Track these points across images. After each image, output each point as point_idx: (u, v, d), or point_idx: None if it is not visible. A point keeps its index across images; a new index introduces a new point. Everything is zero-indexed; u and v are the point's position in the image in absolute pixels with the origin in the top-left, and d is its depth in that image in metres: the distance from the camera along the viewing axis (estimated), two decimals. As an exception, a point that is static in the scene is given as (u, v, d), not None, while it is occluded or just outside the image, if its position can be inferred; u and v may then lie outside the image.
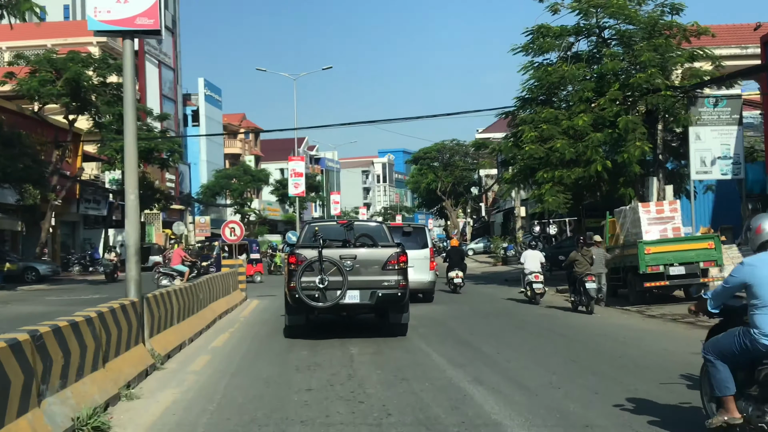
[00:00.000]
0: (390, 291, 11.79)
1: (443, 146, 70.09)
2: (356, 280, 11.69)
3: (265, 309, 18.30)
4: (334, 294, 11.63)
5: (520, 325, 14.68)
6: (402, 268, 11.94)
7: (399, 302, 12.01)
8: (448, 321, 15.31)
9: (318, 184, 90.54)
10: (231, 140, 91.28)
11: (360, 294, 11.77)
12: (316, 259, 11.63)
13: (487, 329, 13.91)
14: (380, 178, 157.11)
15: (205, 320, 13.72)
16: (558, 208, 23.49)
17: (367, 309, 12.65)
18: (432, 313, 16.66)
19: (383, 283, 11.78)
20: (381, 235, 13.07)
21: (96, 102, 35.34)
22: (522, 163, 24.25)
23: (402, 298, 11.95)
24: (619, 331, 13.32)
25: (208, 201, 72.52)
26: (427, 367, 9.72)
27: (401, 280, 11.89)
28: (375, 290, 11.76)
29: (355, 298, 11.77)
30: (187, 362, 10.22)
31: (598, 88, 23.82)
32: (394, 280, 11.81)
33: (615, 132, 22.78)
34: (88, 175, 46.44)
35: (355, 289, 11.70)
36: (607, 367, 9.64)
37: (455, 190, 71.15)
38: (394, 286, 11.80)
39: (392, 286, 11.79)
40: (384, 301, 11.95)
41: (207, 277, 15.74)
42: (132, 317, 8.85)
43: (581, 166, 23.14)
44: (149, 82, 61.84)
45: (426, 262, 19.63)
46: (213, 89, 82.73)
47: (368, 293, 11.78)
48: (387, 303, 12.05)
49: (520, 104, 25.59)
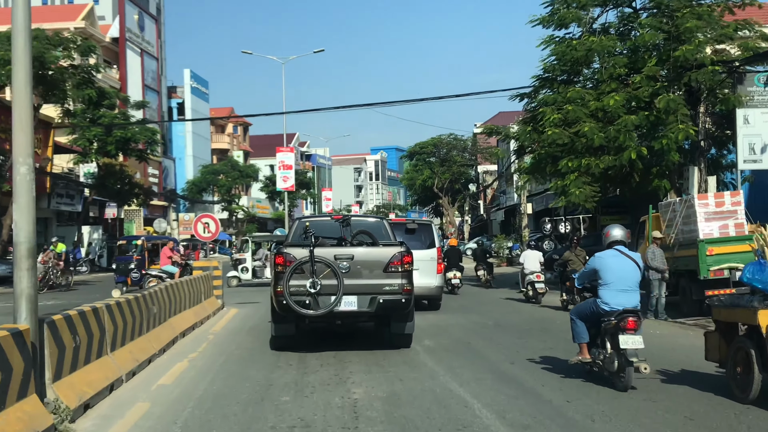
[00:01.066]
0: (393, 297, 10.48)
1: (440, 141, 66.79)
2: (354, 283, 10.39)
3: (244, 320, 15.12)
4: (327, 300, 10.29)
5: (547, 334, 12.29)
6: (407, 270, 10.58)
7: (403, 310, 10.67)
8: (470, 338, 12.25)
9: (309, 180, 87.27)
10: (219, 135, 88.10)
11: (358, 300, 10.44)
12: (307, 259, 10.24)
13: (519, 348, 11.02)
14: (373, 175, 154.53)
15: (159, 342, 10.52)
16: (585, 201, 20.33)
17: (365, 317, 11.18)
18: (442, 323, 13.65)
19: (385, 288, 10.46)
20: (382, 233, 11.61)
21: (64, 86, 32.00)
22: (543, 150, 21.05)
23: (406, 305, 10.62)
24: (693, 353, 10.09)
25: (194, 197, 69.22)
26: (450, 405, 6.69)
27: (406, 284, 10.54)
28: (375, 296, 10.44)
29: (353, 304, 10.44)
30: (113, 416, 7.00)
31: (631, 63, 20.69)
32: (398, 284, 10.48)
33: (652, 114, 19.67)
34: (60, 167, 43.07)
35: (353, 294, 10.40)
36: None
37: (452, 187, 68.00)
38: (398, 290, 10.48)
39: (395, 291, 10.47)
40: (386, 309, 10.58)
41: (169, 284, 12.55)
42: (15, 356, 5.67)
43: (611, 154, 20.02)
44: (130, 70, 58.48)
45: (433, 264, 17.04)
46: (200, 81, 79.36)
47: (367, 299, 10.44)
48: (389, 310, 10.67)
49: (538, 83, 22.40)
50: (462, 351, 10.95)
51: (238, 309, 17.19)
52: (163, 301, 11.41)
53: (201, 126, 78.52)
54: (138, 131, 38.14)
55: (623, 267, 8.30)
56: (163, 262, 22.11)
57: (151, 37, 63.47)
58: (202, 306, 14.85)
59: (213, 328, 13.63)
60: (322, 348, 10.97)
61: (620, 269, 8.29)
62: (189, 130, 75.43)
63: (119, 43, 57.61)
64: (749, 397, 7.21)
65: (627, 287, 8.25)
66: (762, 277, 7.30)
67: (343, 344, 11.29)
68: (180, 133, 75.52)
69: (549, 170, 21.59)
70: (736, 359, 7.56)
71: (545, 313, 16.69)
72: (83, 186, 42.42)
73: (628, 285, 8.26)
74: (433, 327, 13.57)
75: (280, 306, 10.38)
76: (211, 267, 16.63)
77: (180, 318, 12.41)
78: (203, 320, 14.28)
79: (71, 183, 41.68)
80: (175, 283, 12.94)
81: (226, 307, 17.32)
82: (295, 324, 10.83)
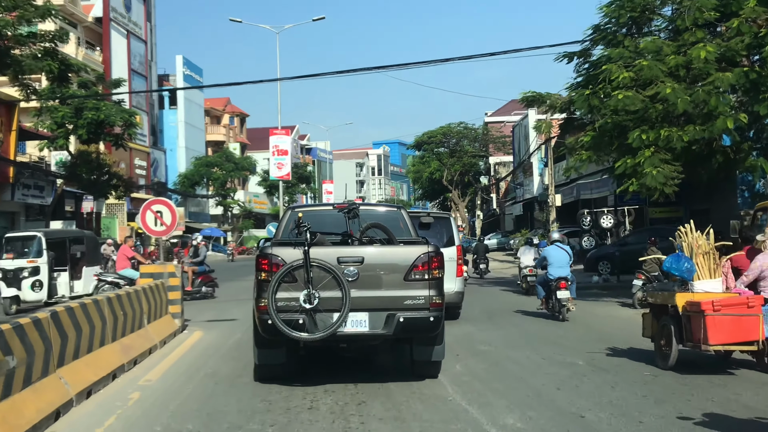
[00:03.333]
0: (417, 314, 7.90)
1: (449, 130, 61.76)
2: (364, 296, 7.85)
3: (205, 354, 10.40)
4: (328, 318, 7.77)
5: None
6: (436, 277, 8.00)
7: (431, 332, 8.10)
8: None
9: (309, 174, 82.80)
10: (214, 126, 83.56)
11: (370, 318, 7.91)
12: (301, 263, 7.73)
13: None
14: (375, 170, 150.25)
15: (24, 422, 5.79)
16: (663, 185, 15.58)
17: (380, 340, 8.32)
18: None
19: (406, 302, 7.89)
20: (399, 226, 9.20)
21: (20, 57, 27.27)
22: (609, 119, 16.23)
23: (436, 324, 8.01)
24: None
25: (186, 191, 64.54)
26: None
27: (435, 296, 7.97)
28: (394, 312, 7.87)
29: (363, 324, 7.90)
30: None
31: (721, 6, 15.98)
32: (424, 296, 7.92)
33: (753, 71, 14.99)
34: (28, 156, 38.43)
35: (362, 310, 7.86)
36: None
37: (462, 179, 63.28)
38: (424, 306, 7.92)
39: (421, 307, 7.91)
40: (407, 330, 7.97)
41: (78, 303, 7.83)
42: None
43: (698, 123, 15.35)
44: (115, 53, 53.86)
45: (452, 265, 13.97)
46: (193, 68, 74.61)
47: (383, 317, 7.89)
48: (412, 332, 8.09)
49: (598, 35, 17.62)
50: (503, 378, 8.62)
51: (204, 332, 12.43)
52: (54, 337, 6.69)
53: (194, 117, 73.96)
54: (113, 112, 33.29)
55: (560, 255, 14.59)
56: (120, 264, 17.48)
57: (139, 19, 58.83)
58: (148, 331, 10.14)
59: (148, 375, 8.67)
60: (313, 379, 8.24)
61: (558, 256, 14.58)
62: (181, 120, 70.90)
63: (103, 23, 53.09)
64: (668, 364, 8.87)
65: (561, 266, 14.46)
66: (678, 266, 8.98)
67: (345, 372, 8.64)
68: (172, 123, 70.91)
69: (614, 146, 16.73)
70: (661, 334, 9.20)
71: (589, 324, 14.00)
72: (53, 176, 37.70)
73: (562, 264, 14.47)
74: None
75: (263, 326, 7.80)
76: (165, 273, 11.89)
77: (92, 360, 7.68)
78: (143, 354, 9.54)
79: (39, 172, 36.95)
80: (94, 302, 8.22)
81: (188, 329, 12.59)
82: (285, 349, 8.20)
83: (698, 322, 8.38)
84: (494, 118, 70.15)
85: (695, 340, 8.48)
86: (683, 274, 8.90)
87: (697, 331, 8.41)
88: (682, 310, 8.67)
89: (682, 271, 8.88)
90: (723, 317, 8.26)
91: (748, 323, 8.29)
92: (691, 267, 8.86)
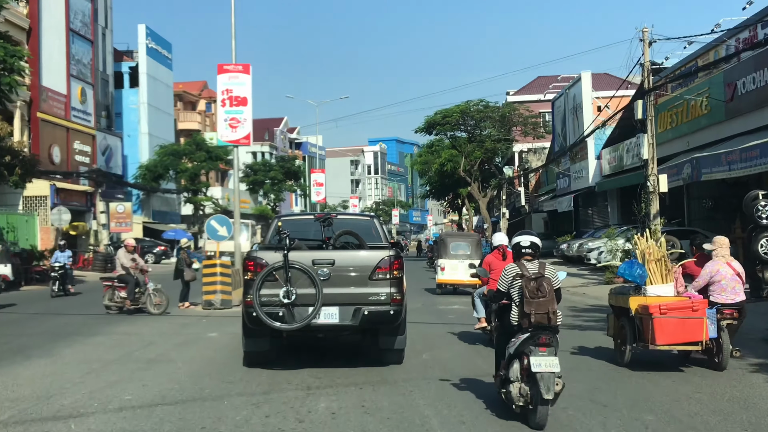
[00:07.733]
0: (380, 308, 9.41)
1: (468, 108, 49.50)
2: (335, 293, 9.40)
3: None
4: (304, 311, 9.36)
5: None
6: (396, 277, 9.50)
7: (392, 322, 9.59)
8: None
9: (298, 169, 71.17)
10: (188, 113, 71.84)
11: (340, 312, 9.43)
12: (280, 264, 9.35)
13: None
14: (371, 169, 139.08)
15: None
16: None
17: (349, 331, 10.17)
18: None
19: (370, 298, 9.40)
20: (371, 233, 10.82)
21: None
22: None
23: (396, 317, 9.50)
24: None
25: (148, 185, 52.83)
26: None
27: (395, 293, 9.45)
28: (360, 307, 9.39)
29: (333, 317, 9.44)
30: None
31: None
32: (385, 293, 9.43)
33: None
34: None
35: (334, 305, 9.40)
36: None
37: (482, 169, 51.62)
38: (385, 301, 9.42)
39: (383, 302, 9.41)
40: (372, 322, 9.51)
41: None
42: None
43: None
44: (46, 6, 41.95)
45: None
46: (159, 42, 62.83)
47: (350, 311, 9.41)
48: (376, 323, 9.62)
49: None
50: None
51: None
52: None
53: (161, 99, 62.17)
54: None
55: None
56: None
57: (80, -33, 46.96)
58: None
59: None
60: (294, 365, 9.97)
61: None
62: (144, 102, 59.20)
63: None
64: (624, 361, 9.67)
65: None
66: (631, 272, 9.57)
67: (322, 359, 10.44)
68: (132, 105, 59.10)
69: None
70: (620, 334, 9.96)
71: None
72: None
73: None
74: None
75: (249, 318, 9.54)
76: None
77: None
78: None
79: None
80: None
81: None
82: (269, 338, 9.88)
83: (647, 323, 9.20)
84: (518, 97, 58.57)
85: (645, 340, 9.30)
86: (636, 279, 9.65)
87: (647, 332, 9.23)
88: (634, 312, 9.49)
89: (635, 277, 9.62)
90: (669, 320, 9.10)
91: (692, 325, 9.12)
92: (644, 273, 9.58)
